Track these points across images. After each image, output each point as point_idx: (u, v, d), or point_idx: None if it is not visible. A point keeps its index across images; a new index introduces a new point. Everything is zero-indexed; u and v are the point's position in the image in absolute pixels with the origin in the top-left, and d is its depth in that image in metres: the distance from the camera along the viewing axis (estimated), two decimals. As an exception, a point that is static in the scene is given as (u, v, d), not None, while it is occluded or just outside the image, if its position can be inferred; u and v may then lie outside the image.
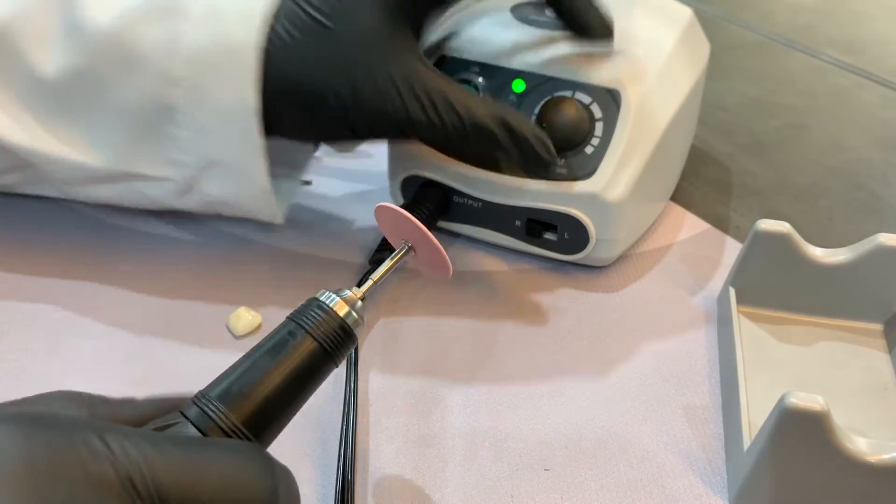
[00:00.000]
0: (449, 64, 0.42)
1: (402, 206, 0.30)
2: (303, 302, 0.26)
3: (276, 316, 0.39)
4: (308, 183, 0.49)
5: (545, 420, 0.34)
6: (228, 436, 0.23)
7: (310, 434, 0.33)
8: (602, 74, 0.39)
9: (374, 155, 0.52)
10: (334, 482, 0.31)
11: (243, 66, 0.35)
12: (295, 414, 0.25)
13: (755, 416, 0.32)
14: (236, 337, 0.38)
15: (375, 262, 0.39)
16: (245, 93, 0.35)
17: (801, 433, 0.28)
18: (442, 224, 0.43)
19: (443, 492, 0.31)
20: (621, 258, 0.43)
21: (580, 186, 0.39)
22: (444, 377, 0.36)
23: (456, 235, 0.44)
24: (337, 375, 0.36)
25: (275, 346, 0.25)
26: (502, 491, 0.31)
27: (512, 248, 0.43)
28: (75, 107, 0.37)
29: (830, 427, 0.27)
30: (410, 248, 0.30)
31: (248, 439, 0.23)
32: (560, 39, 0.42)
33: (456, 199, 0.42)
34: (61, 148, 0.38)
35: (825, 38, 0.69)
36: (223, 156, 0.38)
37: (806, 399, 0.27)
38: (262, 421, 0.24)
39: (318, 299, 0.26)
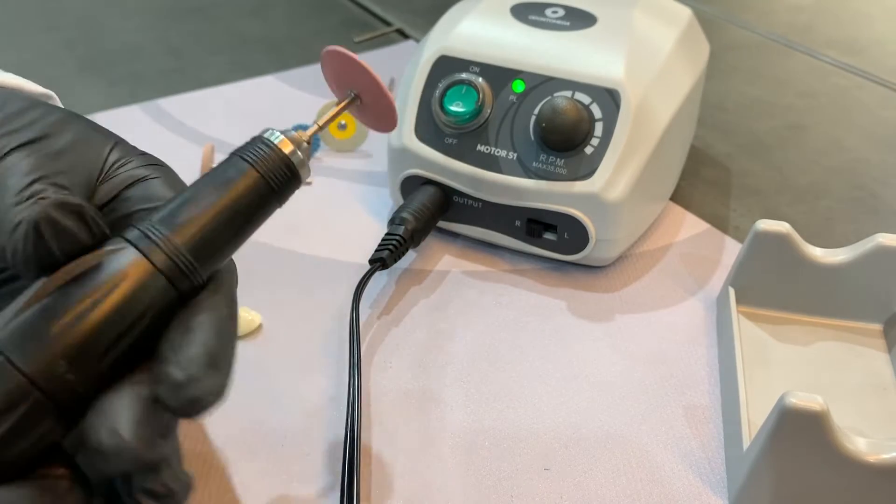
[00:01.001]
0: (449, 63, 0.42)
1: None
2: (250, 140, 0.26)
3: (276, 316, 0.39)
4: (308, 183, 0.49)
5: (545, 419, 0.34)
6: (171, 260, 0.23)
7: (310, 434, 0.33)
8: (602, 74, 0.39)
9: (374, 155, 0.52)
10: (335, 481, 0.31)
11: None
12: (237, 247, 0.25)
13: (755, 415, 0.32)
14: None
15: (375, 261, 0.39)
16: None
17: (801, 433, 0.28)
18: (442, 224, 0.43)
19: (443, 492, 0.31)
20: (621, 258, 0.43)
21: (580, 186, 0.39)
22: (444, 377, 0.36)
23: (456, 235, 0.45)
24: (338, 375, 0.36)
25: (219, 177, 0.25)
26: (502, 491, 0.31)
27: (512, 248, 0.43)
28: None
29: (830, 427, 0.27)
30: (357, 96, 0.29)
31: (190, 264, 0.23)
32: (560, 39, 0.42)
33: (456, 199, 0.42)
34: None
35: (825, 39, 0.69)
36: None
37: (805, 399, 0.27)
38: (205, 249, 0.23)
39: (262, 136, 0.26)
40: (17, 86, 0.31)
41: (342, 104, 0.29)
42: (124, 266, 0.22)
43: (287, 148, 0.25)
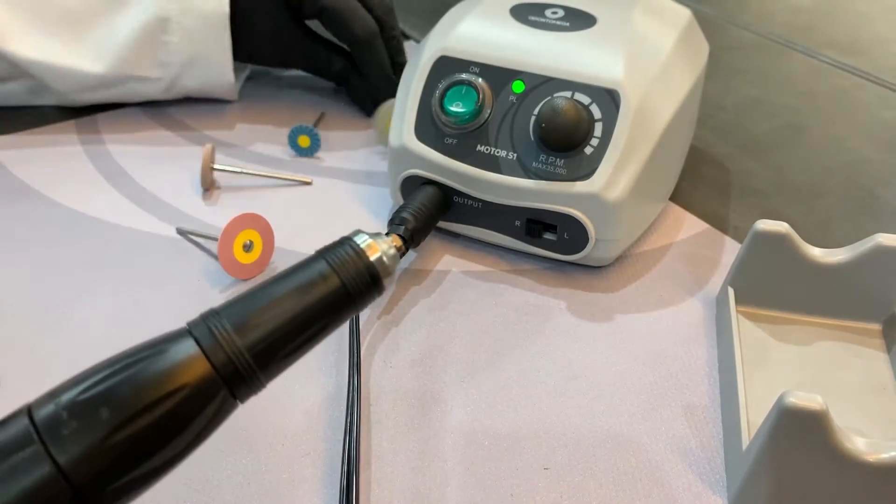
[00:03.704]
0: (449, 64, 0.42)
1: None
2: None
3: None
4: (308, 183, 0.49)
5: (544, 419, 0.34)
6: (231, 360, 0.22)
7: (310, 433, 0.33)
8: (601, 75, 0.40)
9: (374, 155, 0.52)
10: (335, 481, 0.31)
11: None
12: (306, 352, 0.24)
13: (754, 415, 0.32)
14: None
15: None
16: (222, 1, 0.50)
17: (800, 433, 0.28)
18: (442, 224, 0.43)
19: (443, 492, 0.31)
20: (621, 258, 0.43)
21: (580, 186, 0.39)
22: (444, 377, 0.36)
23: (456, 235, 0.45)
24: (338, 375, 0.36)
25: (296, 277, 0.24)
26: (502, 490, 0.31)
27: (512, 248, 0.43)
28: (86, 24, 0.49)
29: (829, 426, 0.27)
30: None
31: (251, 367, 0.22)
32: (559, 40, 0.42)
33: (456, 199, 0.42)
34: (69, 59, 0.49)
35: (824, 39, 0.69)
36: (202, 54, 0.51)
37: (804, 398, 0.27)
38: (269, 351, 0.22)
39: (350, 238, 0.25)
40: None
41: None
42: (181, 361, 0.21)
43: (373, 254, 0.24)
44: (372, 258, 0.24)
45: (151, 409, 0.21)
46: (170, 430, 0.21)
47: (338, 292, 0.24)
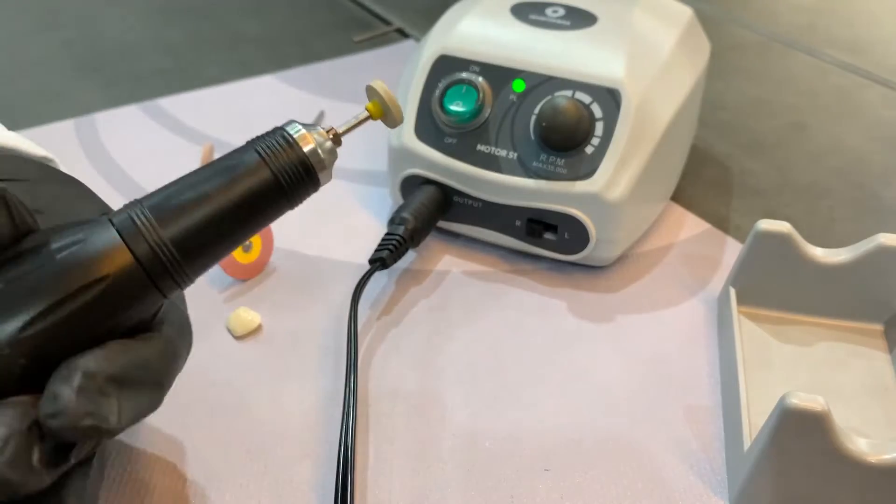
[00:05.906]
0: (449, 63, 0.42)
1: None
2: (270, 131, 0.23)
3: (275, 316, 0.39)
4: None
5: (545, 420, 0.34)
6: (153, 250, 0.21)
7: (309, 434, 0.33)
8: (602, 74, 0.39)
9: (374, 155, 0.52)
10: (334, 482, 0.31)
11: None
12: (234, 248, 0.23)
13: (755, 416, 0.32)
14: (235, 337, 0.38)
15: (375, 261, 0.39)
16: None
17: (802, 433, 0.28)
18: (442, 224, 0.43)
19: (443, 492, 0.31)
20: (621, 258, 0.43)
21: (580, 186, 0.39)
22: (444, 377, 0.36)
23: (456, 235, 0.44)
24: (337, 376, 0.36)
25: (225, 167, 0.22)
26: (502, 491, 0.31)
27: (512, 248, 0.43)
28: None
29: (831, 427, 0.27)
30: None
31: (175, 258, 0.21)
32: (560, 39, 0.42)
33: (456, 199, 0.42)
34: None
35: (826, 38, 0.69)
36: None
37: (806, 399, 0.27)
38: (193, 244, 0.21)
39: (282, 128, 0.23)
40: (14, 146, 0.28)
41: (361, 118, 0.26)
42: (100, 250, 0.20)
43: (307, 145, 0.23)
44: (306, 149, 0.23)
45: (72, 300, 0.20)
46: (90, 323, 0.20)
47: (268, 184, 0.22)
